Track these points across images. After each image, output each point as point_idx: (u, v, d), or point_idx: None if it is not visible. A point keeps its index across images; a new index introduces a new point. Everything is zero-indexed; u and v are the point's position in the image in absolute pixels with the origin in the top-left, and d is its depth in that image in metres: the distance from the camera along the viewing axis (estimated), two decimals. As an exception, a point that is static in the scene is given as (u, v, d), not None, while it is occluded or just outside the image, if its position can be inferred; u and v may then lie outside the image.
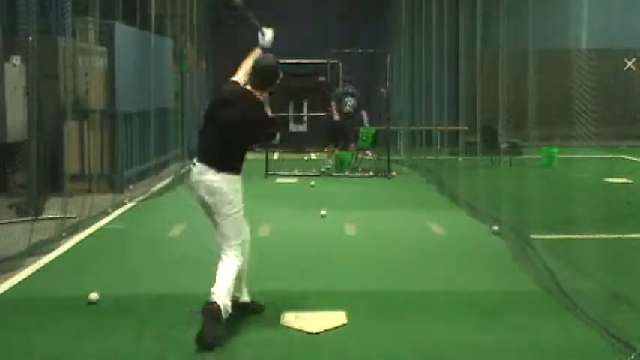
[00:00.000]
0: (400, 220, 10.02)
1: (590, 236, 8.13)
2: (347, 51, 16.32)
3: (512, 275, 6.97)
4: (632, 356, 4.69)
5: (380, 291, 6.49)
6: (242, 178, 5.44)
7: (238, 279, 5.48)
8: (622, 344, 4.94)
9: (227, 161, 5.32)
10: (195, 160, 5.40)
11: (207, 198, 5.30)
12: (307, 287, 6.60)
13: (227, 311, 5.09)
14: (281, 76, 5.58)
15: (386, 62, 15.34)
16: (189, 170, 5.52)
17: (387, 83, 15.20)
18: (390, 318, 5.74)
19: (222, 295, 5.07)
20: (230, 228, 5.31)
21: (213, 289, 5.09)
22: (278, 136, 5.58)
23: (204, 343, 4.92)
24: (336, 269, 7.28)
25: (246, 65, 5.59)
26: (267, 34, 5.88)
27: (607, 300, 5.85)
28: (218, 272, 5.21)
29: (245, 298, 5.72)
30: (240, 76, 5.55)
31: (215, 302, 5.02)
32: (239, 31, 20.71)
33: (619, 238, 8.69)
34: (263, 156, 15.07)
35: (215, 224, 5.37)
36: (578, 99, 7.23)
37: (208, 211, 5.40)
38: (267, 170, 14.48)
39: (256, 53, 5.73)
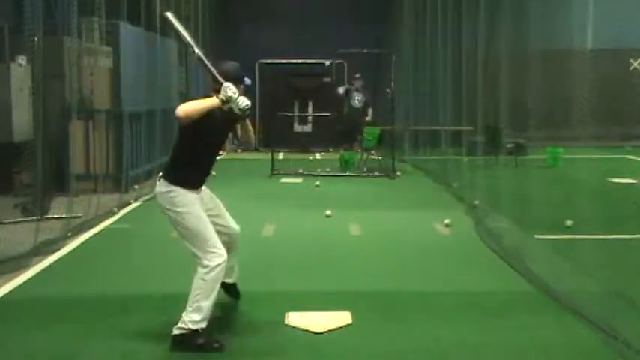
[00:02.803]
0: (405, 220, 10.02)
1: (594, 237, 8.13)
2: (353, 51, 16.31)
3: (514, 275, 6.98)
4: None
5: (384, 291, 6.50)
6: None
7: (230, 267, 5.46)
8: (623, 344, 4.94)
9: (168, 168, 5.28)
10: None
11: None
12: (312, 287, 6.62)
13: (195, 321, 4.96)
14: (246, 80, 5.42)
15: (391, 63, 15.34)
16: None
17: (392, 84, 15.20)
18: (394, 318, 5.75)
19: (186, 315, 4.99)
20: (188, 238, 5.18)
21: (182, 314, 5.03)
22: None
23: (211, 350, 4.97)
24: (341, 269, 7.30)
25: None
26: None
27: (609, 300, 5.85)
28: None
29: (229, 280, 5.76)
30: None
31: (174, 334, 4.99)
32: (241, 31, 20.88)
33: (623, 238, 8.69)
34: (268, 156, 15.11)
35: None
36: (583, 99, 7.23)
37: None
38: (272, 170, 14.50)
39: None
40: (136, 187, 12.21)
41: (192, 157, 5.15)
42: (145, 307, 5.98)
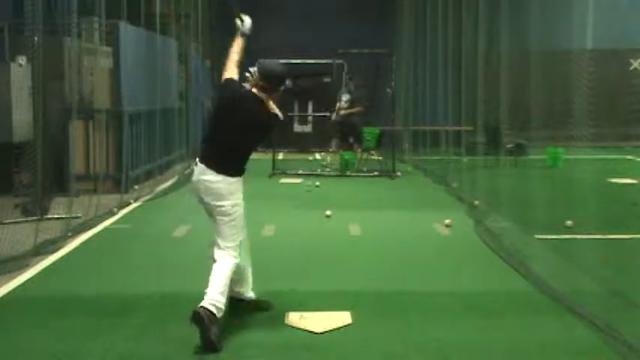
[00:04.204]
0: (405, 220, 10.02)
1: (594, 237, 8.13)
2: (353, 51, 16.32)
3: (514, 275, 6.97)
4: None
5: (384, 291, 6.49)
6: (246, 177, 5.47)
7: (244, 276, 5.62)
8: (623, 344, 4.94)
9: (228, 164, 5.35)
10: (197, 160, 5.44)
11: (205, 198, 5.34)
12: (312, 287, 6.61)
13: (220, 309, 5.08)
14: (287, 82, 5.59)
15: (391, 63, 15.34)
16: (192, 170, 5.57)
17: (393, 83, 15.20)
18: (394, 318, 5.75)
19: (215, 294, 5.08)
20: (228, 228, 5.33)
21: (206, 290, 5.12)
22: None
23: (209, 348, 4.94)
24: (341, 269, 7.30)
25: (234, 57, 5.65)
26: (246, 21, 5.83)
27: (609, 300, 5.85)
28: (213, 273, 5.22)
29: (251, 294, 5.79)
30: (233, 70, 5.56)
31: (204, 306, 5.01)
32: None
33: (623, 238, 8.69)
34: (268, 156, 15.11)
35: (214, 224, 5.39)
36: (582, 99, 7.23)
37: (208, 211, 5.43)
38: (273, 169, 14.49)
39: (239, 42, 5.77)
40: (136, 187, 12.21)
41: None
42: (145, 307, 5.97)
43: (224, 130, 5.37)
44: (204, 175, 5.31)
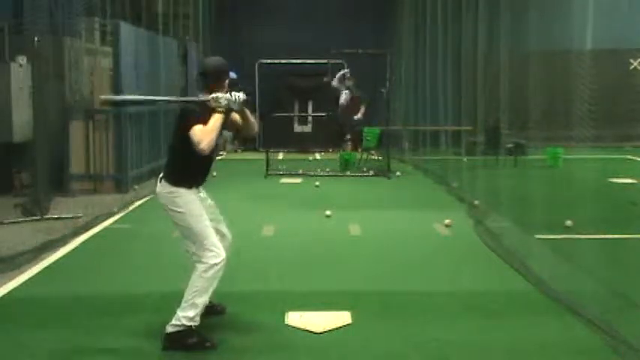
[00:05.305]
0: (405, 220, 10.02)
1: (594, 237, 8.13)
2: (346, 51, 16.32)
3: (514, 275, 6.97)
4: None
5: (384, 291, 6.50)
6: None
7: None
8: (623, 344, 4.94)
9: (166, 167, 5.26)
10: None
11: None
12: (312, 287, 6.62)
13: (191, 318, 4.98)
14: (229, 74, 5.27)
15: (386, 63, 15.33)
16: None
17: (387, 83, 15.19)
18: (394, 318, 5.75)
19: (178, 312, 5.01)
20: (185, 238, 5.21)
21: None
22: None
23: (203, 350, 4.97)
24: (341, 269, 7.30)
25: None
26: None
27: (609, 300, 5.85)
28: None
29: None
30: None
31: (166, 332, 4.99)
32: (241, 31, 20.85)
33: (623, 238, 8.69)
34: (272, 156, 15.13)
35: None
36: (582, 99, 7.24)
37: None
38: (267, 170, 14.45)
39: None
40: (136, 187, 12.21)
41: (192, 158, 5.05)
42: (145, 307, 5.97)
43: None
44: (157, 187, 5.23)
